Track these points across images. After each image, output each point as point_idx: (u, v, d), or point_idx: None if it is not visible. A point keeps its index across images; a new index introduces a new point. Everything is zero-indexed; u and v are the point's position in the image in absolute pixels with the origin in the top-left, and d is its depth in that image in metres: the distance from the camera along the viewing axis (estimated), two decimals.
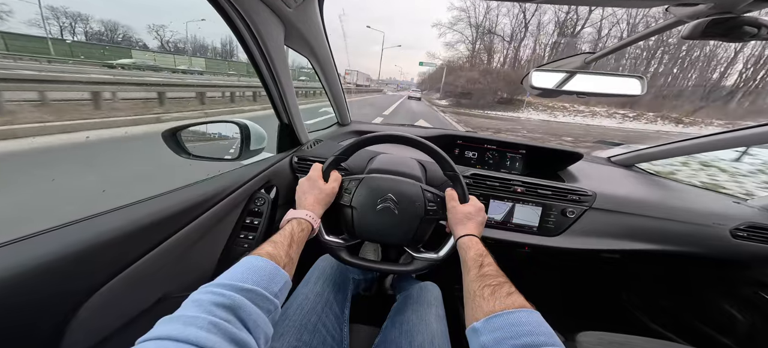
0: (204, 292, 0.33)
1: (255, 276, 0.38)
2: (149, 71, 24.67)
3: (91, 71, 12.40)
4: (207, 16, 0.84)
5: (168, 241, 0.55)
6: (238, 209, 0.74)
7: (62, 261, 0.40)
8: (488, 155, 1.19)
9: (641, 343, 0.71)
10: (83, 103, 5.07)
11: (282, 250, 0.46)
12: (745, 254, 0.92)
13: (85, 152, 3.48)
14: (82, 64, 22.42)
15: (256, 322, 0.34)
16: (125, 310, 0.50)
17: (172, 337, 0.26)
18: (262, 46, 0.69)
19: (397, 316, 0.71)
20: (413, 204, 0.68)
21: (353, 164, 0.95)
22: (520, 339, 0.35)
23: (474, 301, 0.44)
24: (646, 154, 1.32)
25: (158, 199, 0.57)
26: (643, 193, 1.00)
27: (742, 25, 0.49)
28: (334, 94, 1.23)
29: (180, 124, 0.74)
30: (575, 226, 0.91)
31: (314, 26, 0.80)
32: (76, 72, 10.24)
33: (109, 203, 0.51)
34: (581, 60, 0.85)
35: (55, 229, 0.43)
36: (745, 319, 0.98)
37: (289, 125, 0.96)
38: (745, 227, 0.89)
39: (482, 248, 0.55)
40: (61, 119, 3.95)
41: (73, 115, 4.35)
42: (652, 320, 1.25)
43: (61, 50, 31.70)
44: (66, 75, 5.54)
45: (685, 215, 0.92)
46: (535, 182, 0.92)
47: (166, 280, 0.57)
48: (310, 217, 0.58)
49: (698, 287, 1.14)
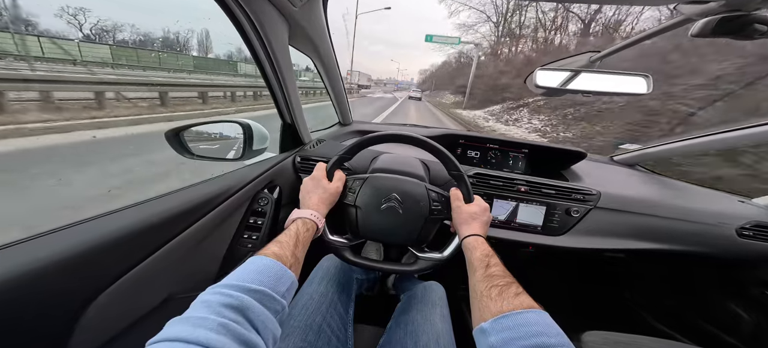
0: (212, 292, 0.33)
1: (262, 276, 0.38)
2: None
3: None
4: (212, 15, 0.83)
5: (173, 241, 0.54)
6: (241, 209, 0.73)
7: (72, 260, 0.40)
8: (491, 155, 1.18)
9: (646, 342, 0.71)
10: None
11: (288, 250, 0.46)
12: (752, 253, 0.91)
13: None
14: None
15: (265, 323, 0.34)
16: (132, 309, 0.50)
17: (182, 338, 0.26)
18: (267, 45, 0.69)
19: (402, 316, 0.70)
20: (418, 204, 0.68)
21: (356, 164, 0.95)
22: (530, 339, 0.34)
23: (481, 302, 0.44)
24: (649, 153, 1.32)
25: (163, 199, 0.56)
26: (648, 193, 0.99)
27: (752, 23, 0.49)
28: (336, 94, 1.23)
29: (183, 124, 0.73)
30: (579, 225, 0.91)
31: (318, 26, 0.80)
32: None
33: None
34: (586, 59, 0.85)
35: (65, 228, 0.43)
36: (750, 318, 0.97)
37: (292, 125, 0.96)
38: (751, 226, 0.89)
39: (488, 248, 0.54)
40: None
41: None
42: (657, 320, 1.24)
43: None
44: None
45: (690, 214, 0.91)
46: (539, 181, 0.91)
47: (171, 280, 0.57)
48: (314, 217, 0.58)
49: (703, 287, 1.14)
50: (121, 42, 64.45)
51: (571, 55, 0.89)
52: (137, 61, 23.51)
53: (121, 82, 5.87)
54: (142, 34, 77.17)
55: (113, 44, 31.49)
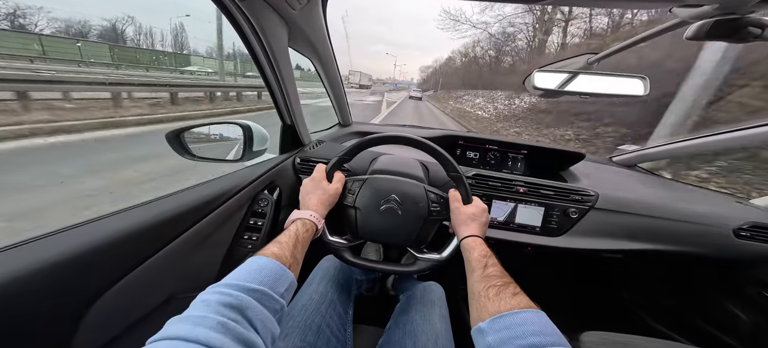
0: (212, 292, 0.34)
1: (261, 276, 0.38)
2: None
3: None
4: (211, 17, 0.82)
5: (174, 241, 0.55)
6: (241, 210, 0.74)
7: (75, 261, 0.41)
8: (490, 156, 1.19)
9: (644, 342, 0.71)
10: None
11: (287, 250, 0.46)
12: (749, 254, 0.91)
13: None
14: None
15: (264, 323, 0.34)
16: (133, 309, 0.51)
17: (181, 337, 0.27)
18: (267, 47, 0.69)
19: (401, 317, 0.71)
20: (417, 205, 0.69)
21: (356, 165, 0.95)
22: (527, 339, 0.35)
23: (479, 302, 0.44)
24: (648, 154, 1.32)
25: (164, 200, 0.57)
26: (645, 193, 1.00)
27: (746, 26, 0.49)
28: (335, 95, 1.23)
29: (183, 126, 0.74)
30: (578, 226, 0.91)
31: (318, 28, 0.81)
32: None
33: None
34: (584, 60, 0.85)
35: (68, 229, 0.44)
36: (748, 318, 0.98)
37: (292, 126, 0.96)
38: (749, 227, 0.89)
39: (486, 249, 0.55)
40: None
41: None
42: (655, 320, 1.25)
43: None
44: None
45: (688, 215, 0.92)
46: (538, 182, 0.92)
47: (172, 280, 0.57)
48: (314, 218, 0.58)
49: (701, 287, 1.14)
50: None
51: (569, 57, 0.89)
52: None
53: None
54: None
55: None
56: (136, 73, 8.74)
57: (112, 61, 24.49)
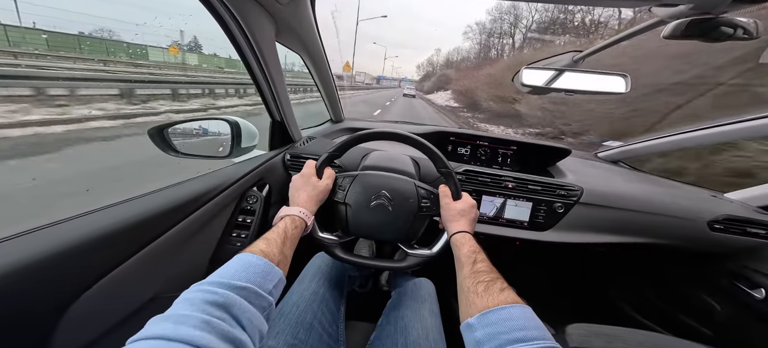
0: (196, 290, 0.33)
1: (248, 273, 0.38)
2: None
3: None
4: (194, 12, 0.76)
5: (158, 239, 0.53)
6: (229, 207, 0.73)
7: (51, 260, 0.39)
8: (480, 152, 1.21)
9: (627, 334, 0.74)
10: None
11: (275, 247, 0.46)
12: (722, 246, 0.96)
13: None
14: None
15: (251, 320, 0.33)
16: (116, 310, 0.49)
17: (164, 336, 0.26)
18: (253, 43, 0.68)
19: (393, 312, 0.71)
20: (407, 201, 0.69)
21: (347, 161, 0.95)
22: (513, 334, 0.36)
23: (468, 297, 0.45)
24: (632, 150, 1.37)
25: (148, 197, 0.55)
26: (627, 188, 1.03)
27: (719, 26, 0.52)
28: (327, 92, 1.23)
29: (167, 122, 0.72)
30: (564, 220, 0.94)
31: (306, 23, 0.80)
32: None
33: None
34: (570, 58, 0.87)
35: (44, 227, 0.42)
36: (722, 309, 1.02)
37: (282, 123, 0.95)
38: (722, 220, 0.93)
39: (475, 245, 0.56)
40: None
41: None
42: (638, 312, 1.29)
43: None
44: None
45: (666, 209, 0.95)
46: (526, 178, 0.94)
47: (157, 279, 0.56)
48: (303, 214, 0.58)
49: (679, 279, 1.19)
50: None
51: (556, 54, 0.91)
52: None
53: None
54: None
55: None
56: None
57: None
